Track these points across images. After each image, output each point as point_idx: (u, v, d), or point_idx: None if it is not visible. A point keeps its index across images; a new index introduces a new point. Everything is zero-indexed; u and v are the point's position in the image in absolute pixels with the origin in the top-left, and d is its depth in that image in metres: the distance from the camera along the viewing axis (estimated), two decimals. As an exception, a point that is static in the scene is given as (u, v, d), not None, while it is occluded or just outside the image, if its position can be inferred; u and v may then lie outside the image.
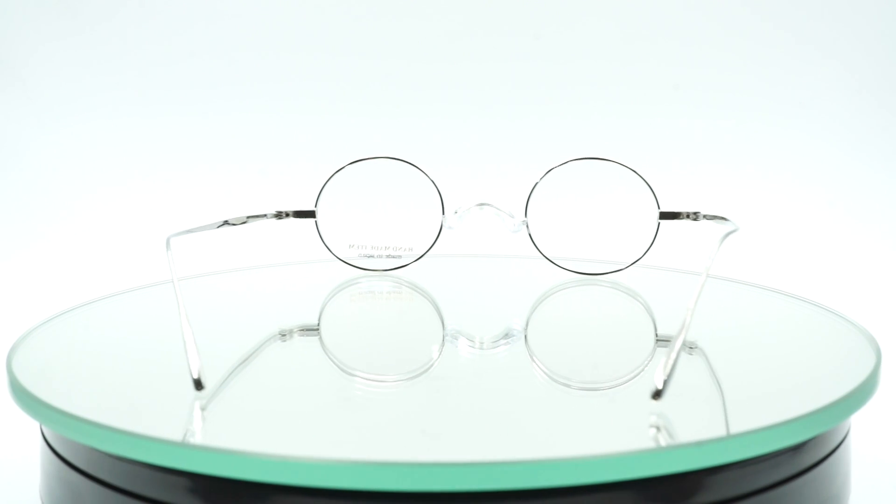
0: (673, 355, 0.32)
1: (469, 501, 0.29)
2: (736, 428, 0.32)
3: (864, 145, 0.75)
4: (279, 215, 0.49)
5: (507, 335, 0.41)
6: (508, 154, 0.76)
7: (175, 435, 0.31)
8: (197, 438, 0.32)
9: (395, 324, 0.45)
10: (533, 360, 0.39)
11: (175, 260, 0.39)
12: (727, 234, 0.36)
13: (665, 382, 0.32)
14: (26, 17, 0.76)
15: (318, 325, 0.44)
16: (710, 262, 0.35)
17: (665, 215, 0.45)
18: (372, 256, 0.48)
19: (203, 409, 0.33)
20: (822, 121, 0.75)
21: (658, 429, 0.31)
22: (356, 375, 0.38)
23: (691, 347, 0.38)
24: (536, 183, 0.45)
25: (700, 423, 0.34)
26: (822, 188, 0.72)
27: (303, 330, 0.42)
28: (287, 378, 0.38)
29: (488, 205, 0.46)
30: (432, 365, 0.38)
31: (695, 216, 0.45)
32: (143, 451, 0.30)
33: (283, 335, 0.41)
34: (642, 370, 0.37)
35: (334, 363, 0.40)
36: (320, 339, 0.42)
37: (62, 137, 0.75)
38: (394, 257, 0.48)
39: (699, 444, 0.30)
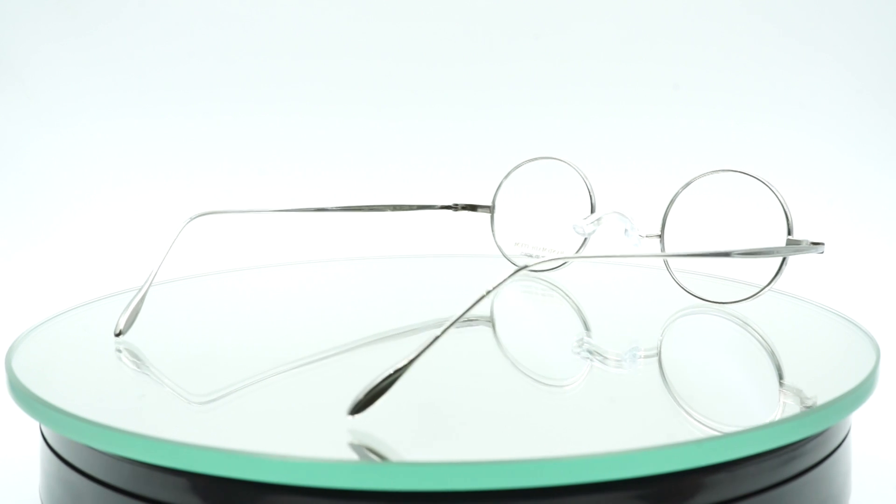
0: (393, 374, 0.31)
1: (469, 501, 0.29)
2: (736, 426, 0.32)
3: (864, 145, 0.75)
4: (454, 207, 0.50)
5: (631, 355, 0.39)
6: (508, 155, 0.76)
7: (175, 435, 0.31)
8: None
9: (539, 327, 0.45)
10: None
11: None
12: (562, 261, 0.35)
13: (364, 402, 0.31)
14: (26, 17, 0.76)
15: (492, 317, 0.45)
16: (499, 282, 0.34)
17: (792, 242, 0.41)
18: (531, 256, 0.48)
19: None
20: (822, 121, 0.75)
21: (354, 445, 0.31)
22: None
23: (808, 406, 0.35)
24: (675, 197, 0.43)
25: (700, 423, 0.34)
26: (821, 188, 0.72)
27: (466, 321, 0.43)
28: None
29: (619, 214, 0.44)
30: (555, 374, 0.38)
31: (819, 247, 0.41)
32: (143, 451, 0.30)
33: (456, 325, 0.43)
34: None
35: (507, 355, 0.41)
36: (494, 330, 0.43)
37: (62, 137, 0.75)
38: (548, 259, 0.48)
39: (699, 443, 0.30)
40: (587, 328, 0.43)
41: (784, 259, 0.41)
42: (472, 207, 0.50)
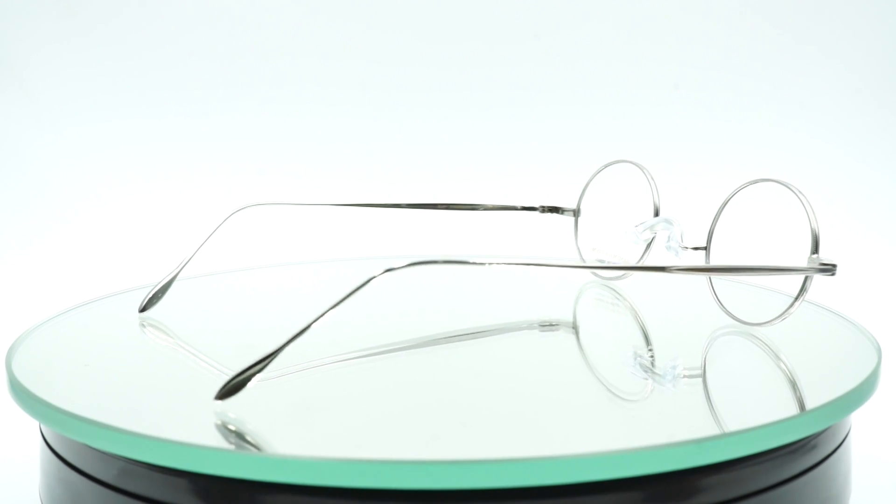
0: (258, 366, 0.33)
1: (469, 500, 0.29)
2: (737, 426, 0.32)
3: (864, 145, 0.75)
4: (540, 209, 0.49)
5: (672, 374, 0.39)
6: (510, 156, 0.76)
7: (175, 435, 0.31)
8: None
9: (601, 336, 0.45)
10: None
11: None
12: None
13: (231, 385, 0.32)
14: (27, 17, 0.76)
15: (576, 323, 0.45)
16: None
17: (812, 262, 0.39)
18: (604, 263, 0.47)
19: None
20: (822, 121, 0.75)
21: (223, 427, 0.31)
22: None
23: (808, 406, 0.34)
24: (720, 211, 0.41)
25: (700, 423, 0.34)
26: (822, 188, 0.72)
27: (549, 326, 0.44)
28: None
29: (667, 222, 0.43)
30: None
31: (832, 270, 0.39)
32: (143, 451, 0.30)
33: (543, 327, 0.43)
34: None
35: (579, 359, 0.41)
36: (579, 335, 0.43)
37: (62, 138, 0.75)
38: (618, 267, 0.47)
39: (699, 442, 0.30)
40: (648, 342, 0.43)
41: (807, 277, 0.39)
42: (556, 210, 0.48)
